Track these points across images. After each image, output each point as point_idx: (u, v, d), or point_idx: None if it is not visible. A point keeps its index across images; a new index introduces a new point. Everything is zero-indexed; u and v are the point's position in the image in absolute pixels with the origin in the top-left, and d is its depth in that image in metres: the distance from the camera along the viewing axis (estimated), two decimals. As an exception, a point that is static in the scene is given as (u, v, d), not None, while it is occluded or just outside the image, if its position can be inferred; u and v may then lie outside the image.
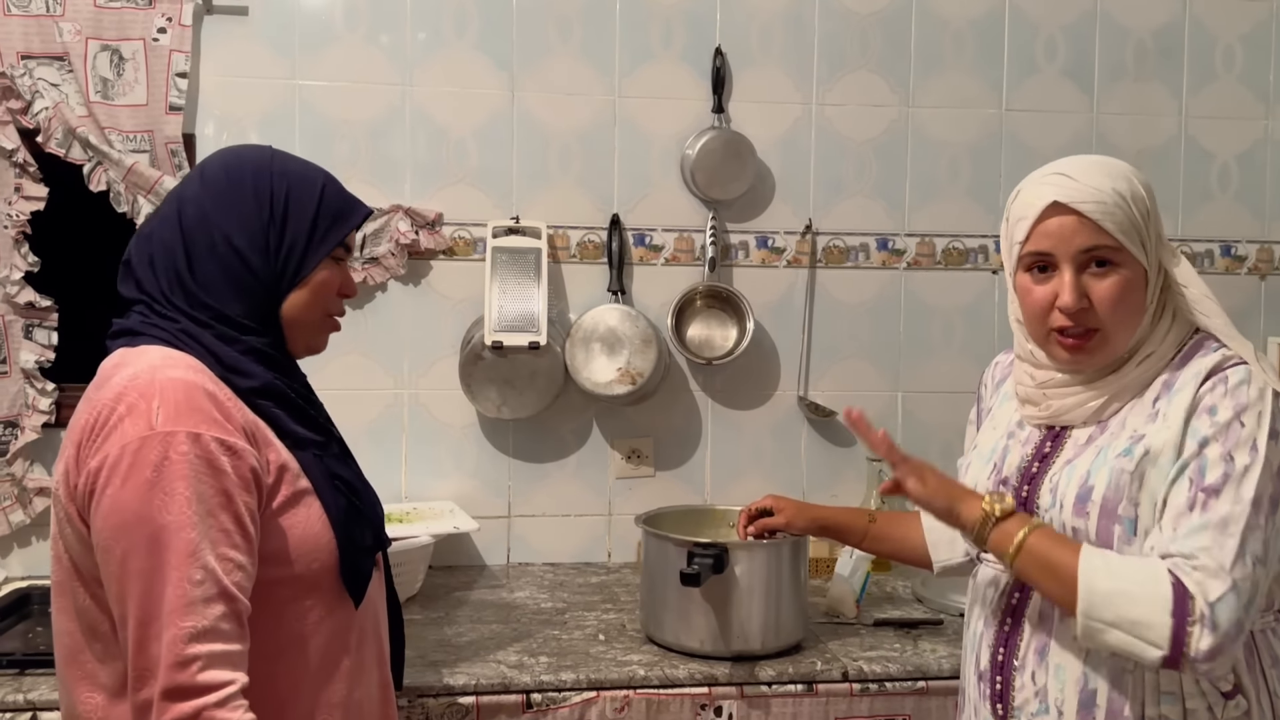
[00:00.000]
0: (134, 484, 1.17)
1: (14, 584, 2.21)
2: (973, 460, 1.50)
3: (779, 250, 2.53)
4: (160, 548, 1.16)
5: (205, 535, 1.17)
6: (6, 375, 2.28)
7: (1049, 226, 1.34)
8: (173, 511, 1.16)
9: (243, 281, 1.31)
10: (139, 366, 1.24)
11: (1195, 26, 2.62)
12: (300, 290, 1.34)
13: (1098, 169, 1.35)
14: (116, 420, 1.20)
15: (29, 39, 2.22)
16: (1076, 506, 1.32)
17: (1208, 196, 2.65)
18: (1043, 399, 1.41)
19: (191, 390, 1.21)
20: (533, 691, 1.77)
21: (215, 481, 1.19)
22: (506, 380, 2.39)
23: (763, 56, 2.50)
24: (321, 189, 1.36)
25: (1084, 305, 1.33)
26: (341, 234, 1.36)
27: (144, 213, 2.25)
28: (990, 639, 1.42)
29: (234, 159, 1.36)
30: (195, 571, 1.16)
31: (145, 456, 1.17)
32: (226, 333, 1.30)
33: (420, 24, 2.41)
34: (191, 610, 1.15)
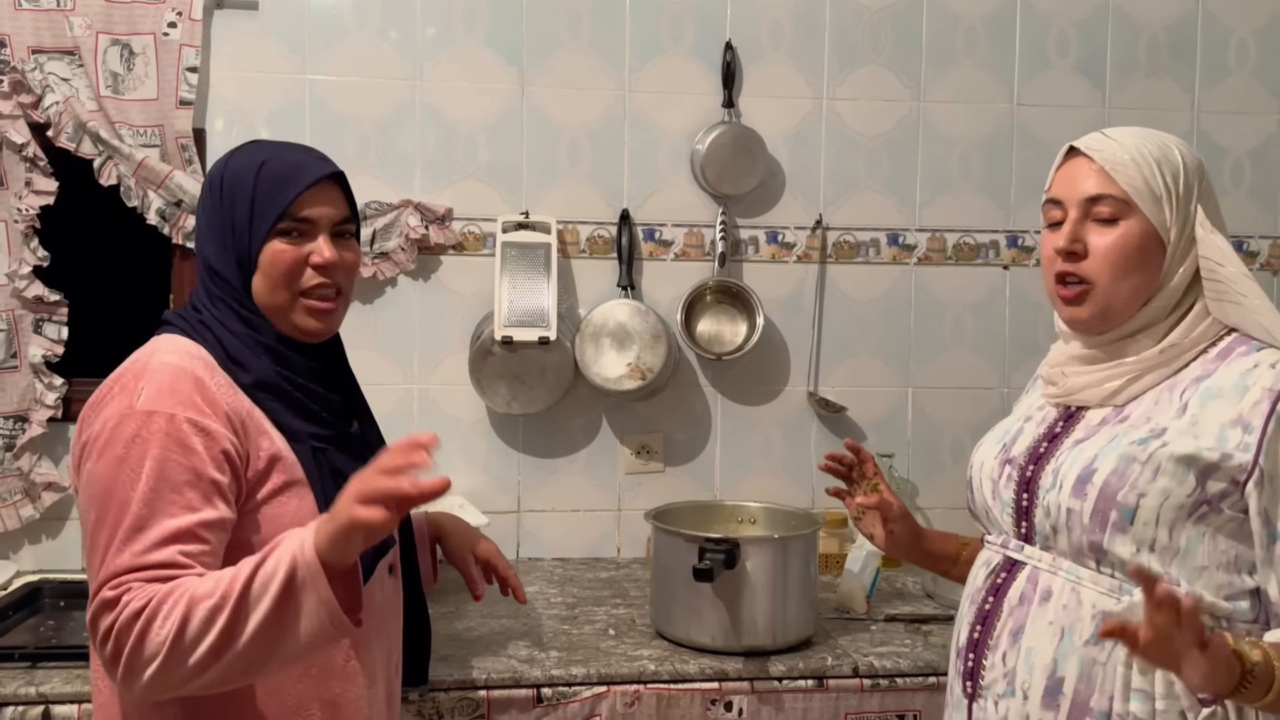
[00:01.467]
0: (108, 458, 1.22)
1: (25, 578, 2.22)
2: (986, 440, 1.48)
3: (789, 245, 2.52)
4: (117, 521, 1.19)
5: (164, 510, 1.19)
6: (16, 370, 2.28)
7: (1064, 172, 1.36)
8: (136, 488, 1.20)
9: (218, 284, 1.35)
10: (143, 351, 1.31)
11: (1208, 21, 2.61)
12: (257, 274, 1.33)
13: (1135, 132, 1.35)
14: (109, 399, 1.26)
15: (40, 33, 2.22)
16: (1076, 487, 1.29)
17: (1221, 192, 2.55)
18: (1061, 377, 1.40)
19: (178, 374, 1.26)
20: (543, 686, 1.77)
21: (184, 459, 1.22)
22: (516, 375, 2.39)
23: (773, 51, 2.49)
24: (260, 165, 1.33)
25: (1075, 250, 1.32)
26: (281, 205, 1.31)
27: (154, 207, 2.25)
28: (971, 617, 1.40)
29: (213, 167, 1.41)
30: (139, 542, 1.18)
31: (121, 432, 1.22)
32: (235, 325, 1.33)
33: (430, 19, 2.40)
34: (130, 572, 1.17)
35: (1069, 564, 1.31)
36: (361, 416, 1.48)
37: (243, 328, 1.33)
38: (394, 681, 1.48)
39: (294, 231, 1.34)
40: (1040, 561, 1.34)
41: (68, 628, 2.03)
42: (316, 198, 1.34)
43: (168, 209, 2.26)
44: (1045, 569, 1.33)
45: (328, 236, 1.36)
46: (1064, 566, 1.31)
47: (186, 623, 1.12)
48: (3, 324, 2.27)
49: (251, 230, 1.32)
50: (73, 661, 1.77)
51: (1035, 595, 1.33)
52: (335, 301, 1.38)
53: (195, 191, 2.24)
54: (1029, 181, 2.55)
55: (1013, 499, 1.38)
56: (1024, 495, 1.37)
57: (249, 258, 1.33)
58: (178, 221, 2.27)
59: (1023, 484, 1.37)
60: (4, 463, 2.28)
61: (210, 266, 1.35)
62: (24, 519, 2.30)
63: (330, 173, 1.37)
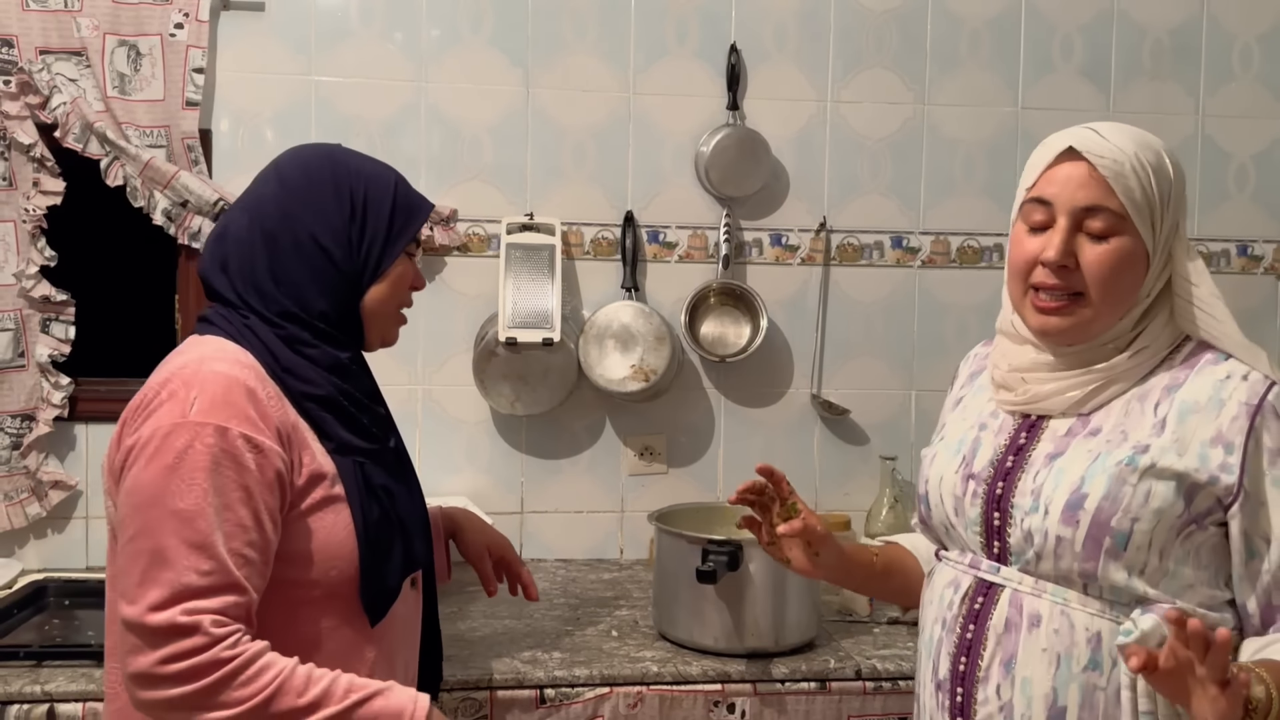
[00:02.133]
0: (156, 467, 1.20)
1: (30, 576, 2.23)
2: (939, 451, 1.40)
3: (793, 248, 2.53)
4: (168, 533, 1.18)
5: (219, 527, 1.19)
6: (24, 369, 2.29)
7: (1058, 173, 1.26)
8: (189, 500, 1.19)
9: (327, 277, 1.34)
10: (190, 356, 1.28)
11: (1213, 25, 2.61)
12: (380, 284, 1.38)
13: (1129, 134, 1.27)
14: (157, 404, 1.24)
15: (47, 34, 2.23)
16: (1065, 514, 1.23)
17: (1224, 196, 2.64)
18: (1020, 384, 1.32)
19: (231, 385, 1.24)
20: (546, 687, 1.77)
21: (236, 476, 1.21)
22: (520, 376, 2.39)
23: (778, 53, 2.50)
24: (395, 186, 1.39)
25: (1067, 264, 1.24)
26: (415, 229, 1.40)
27: (160, 208, 2.26)
28: (950, 646, 1.31)
29: (312, 158, 1.39)
30: (204, 562, 1.18)
31: (172, 443, 1.20)
32: (294, 334, 1.32)
33: (435, 20, 2.41)
34: (200, 595, 1.18)
35: (1054, 586, 1.26)
36: (395, 430, 1.49)
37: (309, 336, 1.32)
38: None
39: (409, 254, 1.43)
40: (1021, 584, 1.27)
41: (73, 626, 2.04)
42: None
43: (174, 209, 2.27)
44: (1028, 592, 1.27)
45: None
46: (1048, 589, 1.26)
47: (269, 703, 1.18)
48: (10, 323, 2.27)
49: (389, 242, 1.37)
50: (78, 660, 1.78)
51: (1023, 621, 1.26)
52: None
53: (201, 192, 2.25)
54: (1033, 185, 2.55)
55: (980, 517, 1.31)
56: (994, 514, 1.30)
57: (379, 265, 1.37)
58: (183, 222, 2.28)
59: (991, 502, 1.30)
60: (11, 461, 2.29)
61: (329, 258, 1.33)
62: (30, 517, 2.31)
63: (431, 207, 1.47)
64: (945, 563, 1.38)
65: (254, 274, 1.33)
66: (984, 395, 1.41)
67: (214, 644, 1.17)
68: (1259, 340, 1.34)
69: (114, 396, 2.37)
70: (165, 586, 1.18)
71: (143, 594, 1.18)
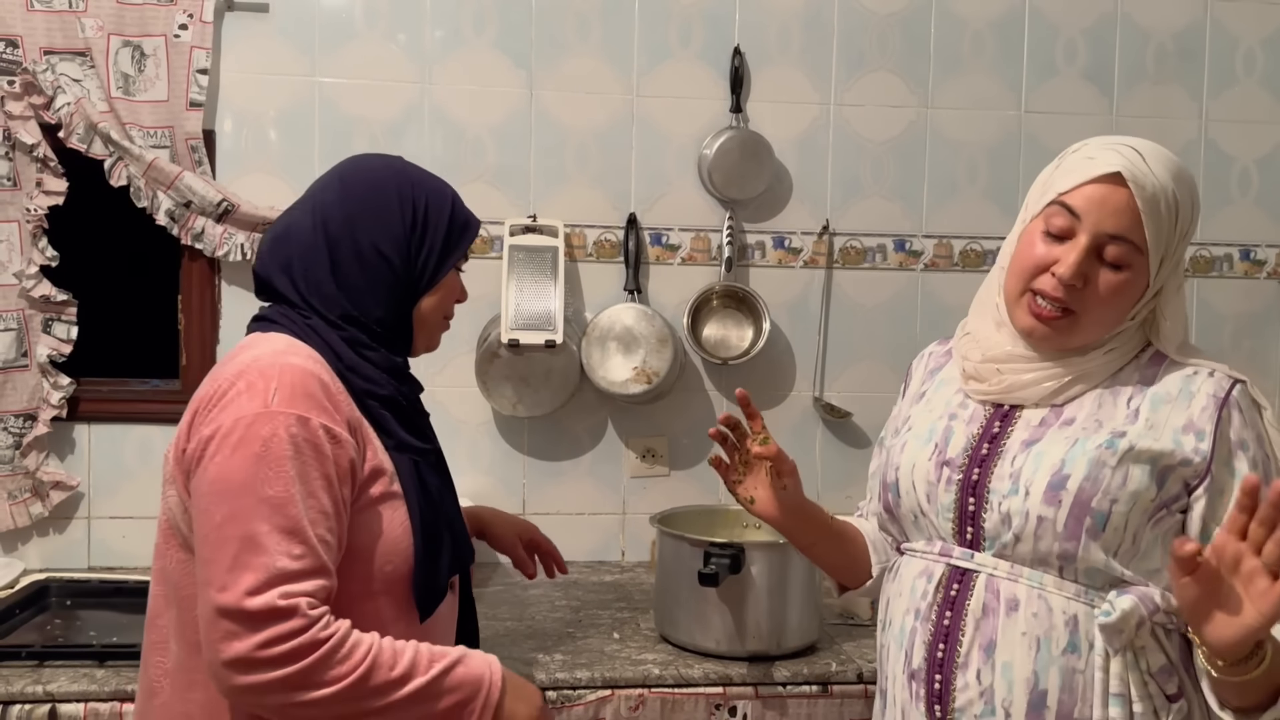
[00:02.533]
0: (243, 455, 1.22)
1: (32, 576, 2.23)
2: (909, 440, 1.40)
3: (796, 250, 2.53)
4: (259, 519, 1.21)
5: (305, 514, 1.23)
6: (26, 369, 2.29)
7: (1097, 192, 1.26)
8: (276, 487, 1.22)
9: (385, 284, 1.39)
10: (263, 350, 1.31)
11: (1216, 29, 2.61)
12: (433, 294, 1.44)
13: (1169, 166, 1.28)
14: (235, 395, 1.26)
15: (52, 34, 2.24)
16: (1048, 494, 1.25)
17: (1227, 200, 2.64)
18: (994, 374, 1.35)
19: (307, 378, 1.28)
20: (548, 689, 1.77)
21: (318, 465, 1.25)
22: (522, 378, 2.39)
23: (781, 56, 2.50)
24: (453, 202, 1.46)
25: (1077, 284, 1.27)
26: (468, 244, 1.47)
27: (163, 208, 2.26)
28: (926, 635, 1.32)
29: (379, 168, 1.44)
30: (296, 546, 1.21)
31: (256, 431, 1.23)
32: (355, 336, 1.37)
33: (439, 22, 2.41)
34: (293, 579, 1.21)
35: (1030, 570, 1.28)
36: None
37: (367, 339, 1.37)
38: None
39: (459, 267, 1.49)
40: (996, 569, 1.29)
41: (74, 626, 2.04)
42: None
43: (177, 210, 2.27)
44: (1004, 577, 1.29)
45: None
46: (1024, 574, 1.28)
47: (365, 679, 1.22)
48: (13, 323, 2.28)
49: (444, 254, 1.43)
50: (79, 660, 1.78)
51: (1000, 606, 1.28)
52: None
53: (204, 192, 2.25)
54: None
55: (954, 503, 1.33)
56: (969, 499, 1.32)
57: (435, 276, 1.42)
58: (186, 223, 2.28)
59: (967, 488, 1.32)
60: (13, 461, 2.29)
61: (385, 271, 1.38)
62: (33, 516, 2.31)
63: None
64: (911, 555, 1.39)
65: (317, 277, 1.37)
66: (949, 389, 1.43)
67: (311, 625, 1.20)
68: (1261, 347, 1.36)
69: (117, 397, 2.38)
70: (260, 571, 1.20)
71: (236, 579, 1.20)
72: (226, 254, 2.30)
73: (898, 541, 1.44)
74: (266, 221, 2.30)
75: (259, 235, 2.30)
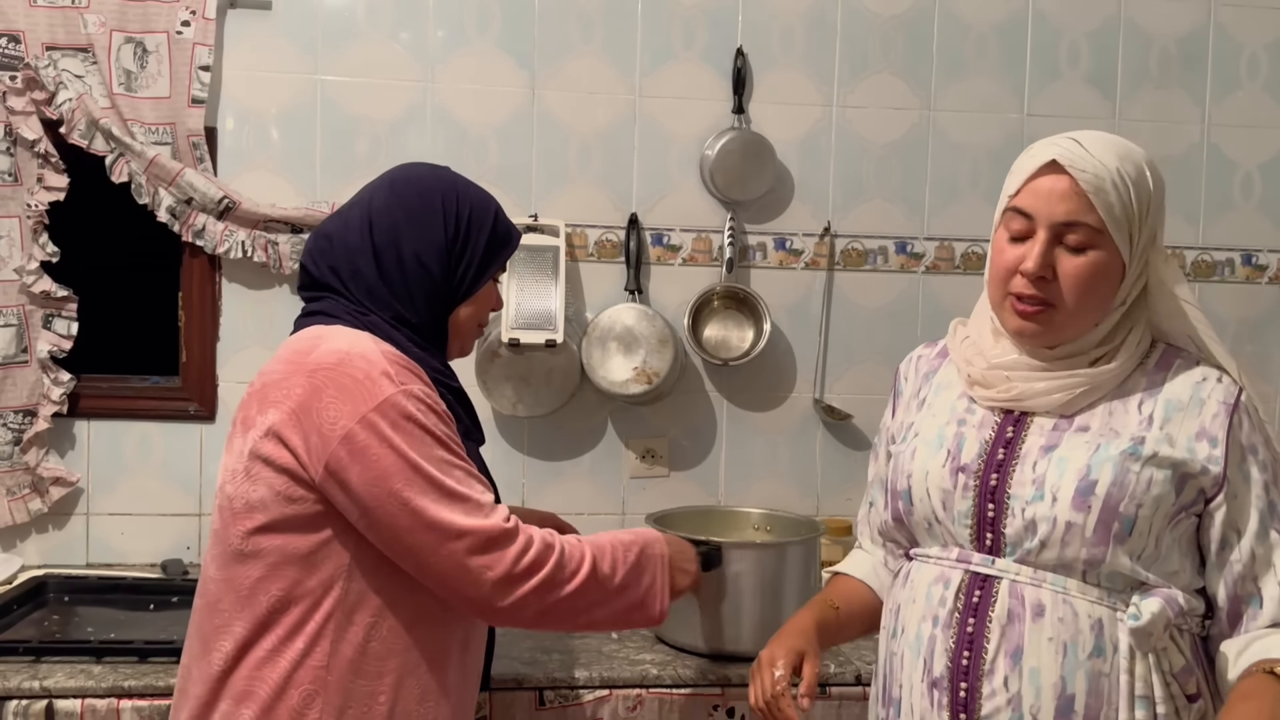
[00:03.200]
0: (392, 440, 1.29)
1: (30, 572, 2.23)
2: (918, 447, 1.39)
3: (797, 252, 2.52)
4: (444, 476, 1.31)
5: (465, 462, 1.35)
6: (26, 364, 2.29)
7: (1040, 185, 1.29)
8: (434, 447, 1.32)
9: (424, 291, 1.43)
10: (350, 339, 1.35)
11: (1220, 34, 2.61)
12: (469, 303, 1.48)
13: (1112, 147, 1.29)
14: (350, 385, 1.29)
15: (54, 30, 2.24)
16: (1076, 500, 1.26)
17: (1230, 205, 2.63)
18: (1003, 380, 1.34)
19: (390, 357, 1.35)
20: (546, 689, 1.77)
21: (446, 426, 1.36)
22: (522, 378, 2.39)
23: (784, 57, 2.50)
24: (495, 215, 1.50)
25: (1045, 275, 1.28)
26: (507, 256, 1.52)
27: (165, 205, 2.26)
28: (948, 642, 1.30)
29: (427, 177, 1.48)
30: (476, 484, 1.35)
31: (388, 412, 1.30)
32: (410, 335, 1.41)
33: (442, 21, 2.41)
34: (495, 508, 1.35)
35: (1053, 576, 1.28)
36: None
37: (410, 343, 1.40)
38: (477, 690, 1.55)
39: (496, 278, 1.53)
40: (1019, 575, 1.29)
41: (72, 623, 2.03)
42: None
43: (178, 206, 2.27)
44: (1027, 582, 1.28)
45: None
46: (1048, 579, 1.28)
47: (595, 568, 1.39)
48: (13, 318, 2.28)
49: (482, 266, 1.47)
50: (76, 656, 1.78)
51: (1026, 611, 1.27)
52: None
53: (205, 189, 2.25)
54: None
55: (972, 510, 1.32)
56: (988, 505, 1.31)
57: (473, 287, 1.47)
58: (188, 219, 2.28)
59: (985, 494, 1.31)
60: (13, 457, 2.29)
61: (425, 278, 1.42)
62: (32, 513, 2.31)
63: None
64: (923, 561, 1.37)
65: (365, 279, 1.41)
66: (949, 394, 1.42)
67: (532, 535, 1.35)
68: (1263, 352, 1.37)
69: (116, 393, 2.37)
70: (475, 509, 1.32)
71: (463, 523, 1.31)
72: (227, 251, 2.30)
73: (906, 548, 1.43)
74: (268, 219, 2.30)
75: (260, 233, 2.30)
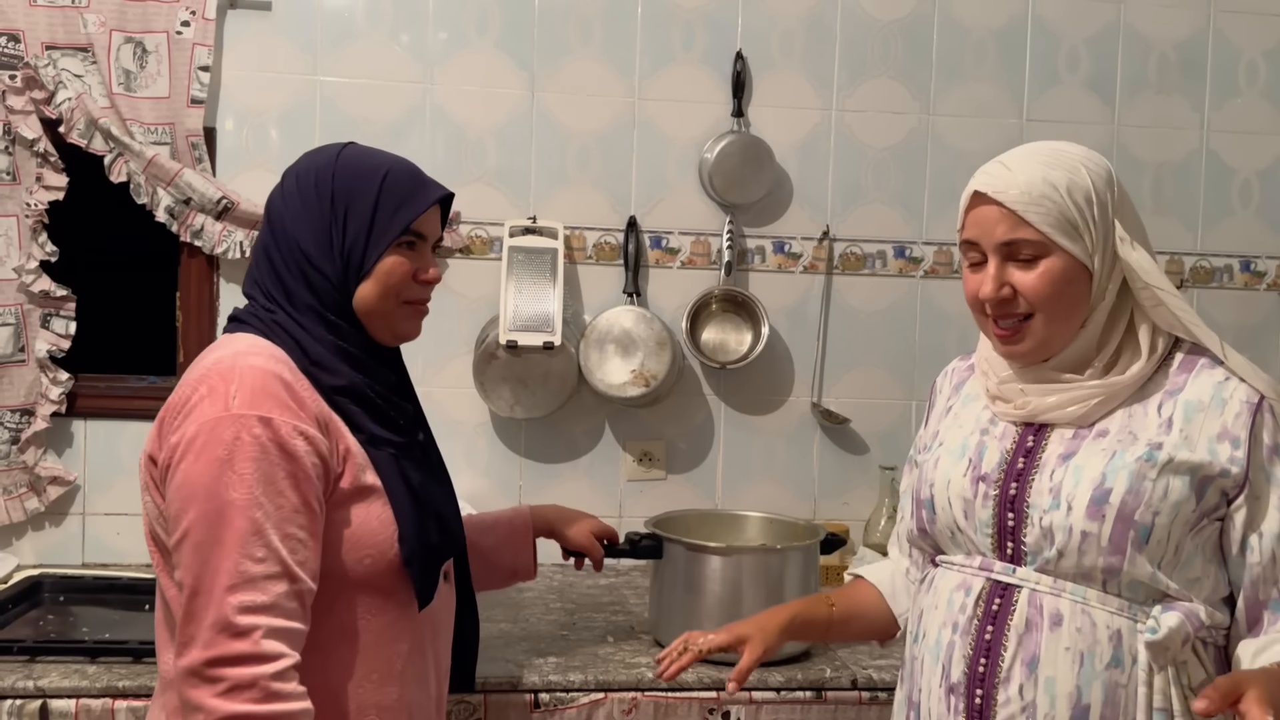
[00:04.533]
0: (206, 460, 1.22)
1: (26, 571, 2.22)
2: (941, 456, 1.40)
3: (796, 256, 2.52)
4: (224, 523, 1.21)
5: (270, 516, 1.22)
6: (24, 364, 2.29)
7: (976, 216, 1.32)
8: (240, 490, 1.21)
9: (315, 283, 1.36)
10: (224, 352, 1.31)
11: (1219, 40, 2.61)
12: (367, 282, 1.37)
13: (1037, 158, 1.30)
14: (197, 400, 1.26)
15: (54, 30, 2.24)
16: (1091, 509, 1.25)
17: (1228, 211, 2.64)
18: (1018, 395, 1.35)
19: (267, 377, 1.27)
20: (541, 691, 1.77)
21: (286, 465, 1.24)
22: (520, 380, 2.39)
23: (783, 61, 2.50)
24: (382, 178, 1.38)
25: (1005, 295, 1.30)
26: (404, 220, 1.37)
27: (163, 205, 2.26)
28: (966, 649, 1.31)
29: (306, 165, 1.41)
30: (258, 549, 1.21)
31: (219, 435, 1.23)
32: (317, 330, 1.35)
33: (442, 23, 2.41)
34: (253, 585, 1.20)
35: (1072, 585, 1.28)
36: (424, 425, 1.52)
37: (326, 333, 1.35)
38: (443, 686, 1.51)
39: (409, 244, 1.39)
40: (1039, 584, 1.29)
41: (67, 622, 2.03)
42: (430, 215, 1.42)
43: (176, 206, 2.27)
44: (1047, 591, 1.28)
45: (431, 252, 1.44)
46: (1067, 588, 1.28)
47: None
48: (11, 318, 2.27)
49: (370, 239, 1.36)
50: (71, 656, 1.78)
51: (1044, 620, 1.27)
52: (427, 308, 1.46)
53: (204, 189, 2.25)
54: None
55: (992, 519, 1.32)
56: (1007, 515, 1.32)
57: (362, 264, 1.36)
58: (186, 219, 2.28)
59: (1004, 503, 1.32)
60: (10, 456, 2.28)
61: (309, 265, 1.35)
62: (29, 512, 2.30)
63: (447, 194, 1.44)
64: (948, 568, 1.38)
65: (269, 276, 1.37)
66: (976, 405, 1.43)
67: (263, 661, 1.19)
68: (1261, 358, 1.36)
69: (114, 393, 2.37)
70: (224, 577, 1.19)
71: (200, 585, 1.20)
72: (225, 251, 2.29)
73: (932, 555, 1.43)
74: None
75: (258, 233, 2.30)
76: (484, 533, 1.75)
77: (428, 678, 1.43)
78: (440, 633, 1.47)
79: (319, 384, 1.33)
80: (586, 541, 1.81)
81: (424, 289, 1.42)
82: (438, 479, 1.48)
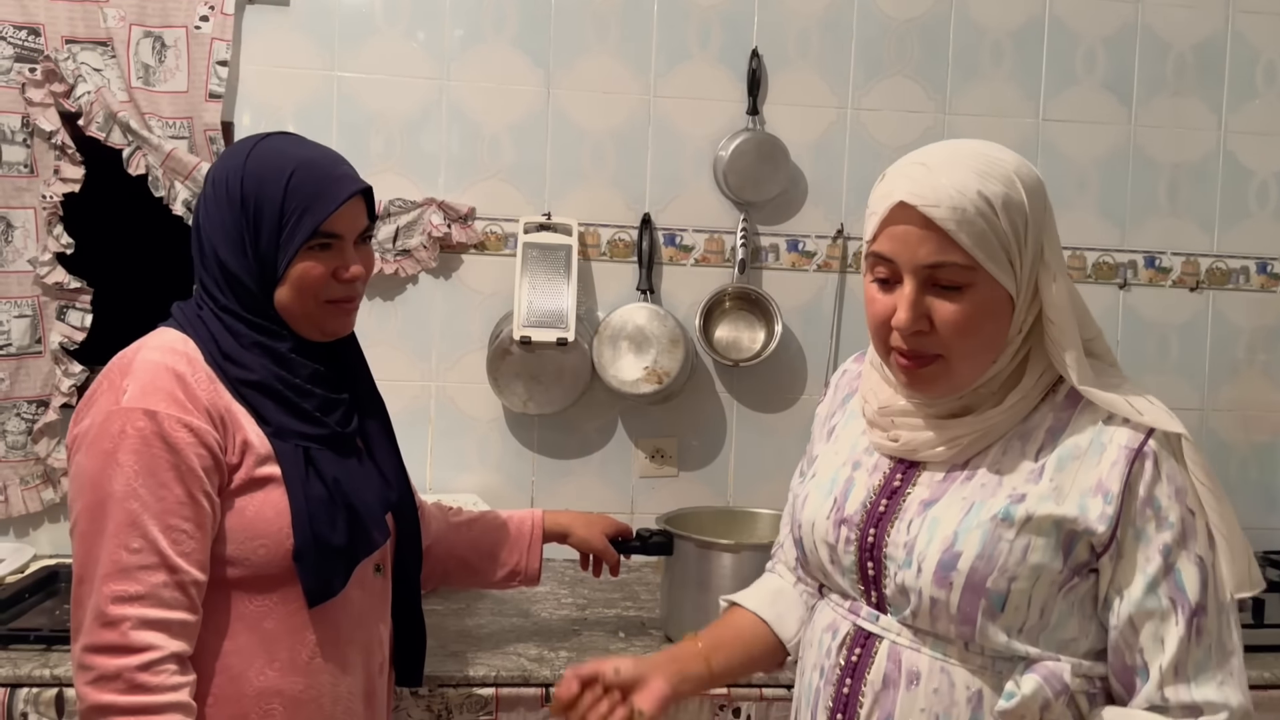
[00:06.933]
0: (94, 453, 1.26)
1: (42, 561, 2.24)
2: (810, 493, 1.30)
3: (809, 254, 2.52)
4: (104, 514, 1.24)
5: (149, 507, 1.24)
6: (40, 355, 2.30)
7: (897, 230, 1.14)
8: (119, 482, 1.24)
9: (233, 284, 1.36)
10: (133, 346, 1.34)
11: (1237, 41, 2.60)
12: (283, 286, 1.35)
13: (967, 163, 1.13)
14: (98, 395, 1.30)
15: (74, 24, 2.25)
16: (938, 575, 1.14)
17: (1245, 213, 2.62)
18: (891, 426, 1.23)
19: (159, 371, 1.29)
20: (552, 685, 1.77)
21: (169, 457, 1.25)
22: (533, 376, 2.40)
23: (799, 59, 2.50)
24: (287, 180, 1.32)
25: (923, 328, 1.13)
26: (311, 224, 1.32)
27: (181, 198, 2.27)
28: (827, 700, 1.23)
29: (220, 167, 1.38)
30: (133, 540, 1.23)
31: (107, 429, 1.26)
32: (237, 326, 1.36)
33: (459, 20, 2.42)
34: (126, 575, 1.22)
35: (934, 640, 1.18)
36: (372, 415, 1.49)
37: (246, 330, 1.35)
38: (377, 681, 1.48)
39: (323, 245, 1.36)
40: (900, 636, 1.19)
41: (83, 612, 2.04)
42: (345, 212, 1.37)
43: (194, 200, 2.28)
44: (907, 645, 1.19)
45: (352, 247, 1.39)
46: (928, 643, 1.18)
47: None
48: (27, 309, 2.29)
49: (280, 244, 1.33)
50: (87, 645, 1.79)
51: (901, 677, 1.18)
52: (356, 302, 1.43)
53: (221, 184, 2.26)
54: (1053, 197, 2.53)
55: (855, 566, 1.23)
56: (868, 563, 1.22)
57: (274, 269, 1.34)
58: (203, 213, 2.29)
59: (865, 550, 1.21)
60: (26, 447, 2.30)
61: (225, 270, 1.35)
62: (45, 502, 2.32)
63: (362, 189, 1.39)
64: (827, 602, 1.30)
65: (198, 274, 1.40)
66: (856, 425, 1.32)
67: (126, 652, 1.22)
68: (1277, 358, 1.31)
69: (129, 385, 2.39)
70: (103, 566, 1.23)
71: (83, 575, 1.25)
72: (242, 245, 2.30)
73: (818, 584, 1.35)
74: (282, 214, 2.30)
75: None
76: (490, 530, 1.76)
77: (349, 669, 1.41)
78: (366, 626, 1.44)
79: (226, 376, 1.33)
80: (601, 546, 1.81)
81: (346, 287, 1.38)
82: (365, 472, 1.43)
